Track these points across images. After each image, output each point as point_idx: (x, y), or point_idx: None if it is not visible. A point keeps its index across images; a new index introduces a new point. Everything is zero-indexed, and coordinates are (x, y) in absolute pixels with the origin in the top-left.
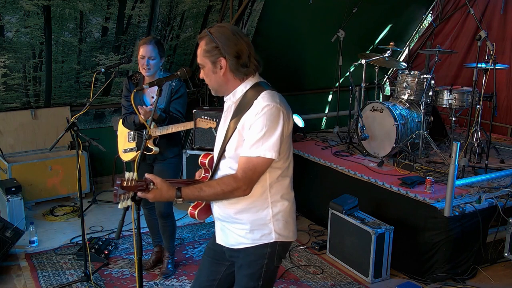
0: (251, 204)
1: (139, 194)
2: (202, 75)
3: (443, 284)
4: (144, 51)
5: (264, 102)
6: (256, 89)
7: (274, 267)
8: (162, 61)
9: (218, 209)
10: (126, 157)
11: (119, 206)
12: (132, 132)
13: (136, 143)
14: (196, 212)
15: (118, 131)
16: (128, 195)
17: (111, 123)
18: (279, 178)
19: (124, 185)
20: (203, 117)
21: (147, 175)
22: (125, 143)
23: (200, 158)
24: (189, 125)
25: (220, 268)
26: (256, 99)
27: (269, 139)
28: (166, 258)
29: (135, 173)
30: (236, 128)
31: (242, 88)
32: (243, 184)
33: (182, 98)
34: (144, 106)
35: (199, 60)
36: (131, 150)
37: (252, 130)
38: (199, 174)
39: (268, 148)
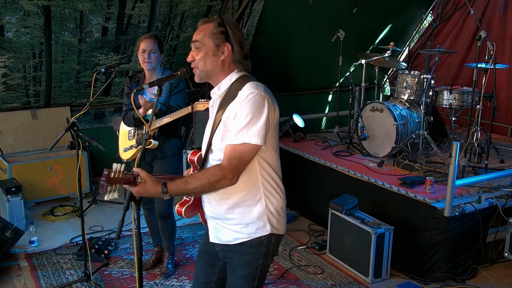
0: (243, 198)
1: (125, 187)
2: (193, 56)
3: (443, 284)
4: (145, 45)
5: (248, 90)
6: (240, 82)
7: (267, 266)
8: (162, 57)
9: (210, 207)
10: (126, 155)
11: (105, 197)
12: (132, 130)
13: (136, 140)
14: (183, 210)
15: (119, 131)
16: (115, 187)
17: (111, 123)
18: (269, 171)
19: (112, 176)
20: (200, 100)
21: (134, 169)
22: (126, 141)
23: (189, 155)
24: (187, 110)
25: (214, 269)
26: (240, 90)
27: (254, 126)
28: (166, 258)
29: (123, 165)
30: (221, 119)
31: (227, 82)
32: (229, 172)
33: (182, 93)
34: (144, 96)
35: (200, 38)
36: (131, 147)
37: (237, 118)
38: (188, 172)
39: (253, 135)
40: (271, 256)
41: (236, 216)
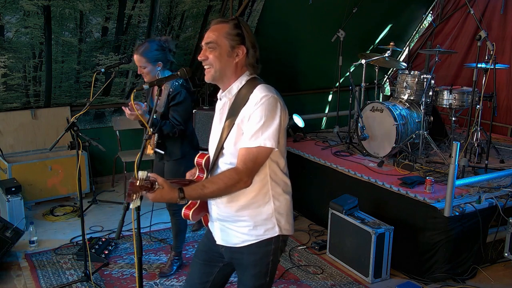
0: (252, 199)
1: (143, 193)
2: (205, 55)
3: (443, 284)
4: (135, 60)
5: (261, 93)
6: (250, 85)
7: (277, 261)
8: (159, 65)
9: (217, 209)
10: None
11: (131, 206)
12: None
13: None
14: (190, 213)
15: None
16: (138, 195)
17: (111, 123)
18: (278, 172)
19: (137, 184)
20: (149, 144)
21: (151, 175)
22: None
23: (196, 158)
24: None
25: (213, 269)
26: (252, 92)
27: (268, 129)
28: (170, 259)
29: (146, 172)
30: (234, 123)
31: (238, 85)
32: (245, 175)
33: (180, 106)
34: (127, 108)
35: (216, 38)
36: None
37: (250, 121)
38: (192, 174)
39: (267, 138)
40: (280, 252)
41: (245, 218)
